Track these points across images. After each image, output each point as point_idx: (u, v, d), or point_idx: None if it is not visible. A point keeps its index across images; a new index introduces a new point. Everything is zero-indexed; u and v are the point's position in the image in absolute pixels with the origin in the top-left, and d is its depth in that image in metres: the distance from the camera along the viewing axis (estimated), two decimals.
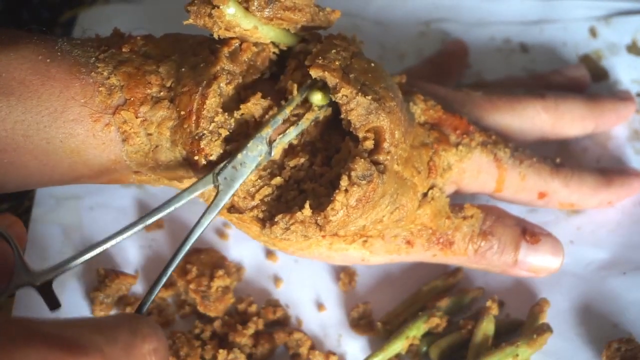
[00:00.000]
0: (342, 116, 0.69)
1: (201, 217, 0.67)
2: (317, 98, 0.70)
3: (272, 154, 0.69)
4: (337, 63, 0.69)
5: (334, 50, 0.70)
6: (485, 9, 0.94)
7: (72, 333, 0.56)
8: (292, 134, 0.70)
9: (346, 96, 0.68)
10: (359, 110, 0.68)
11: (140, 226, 0.67)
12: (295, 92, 0.70)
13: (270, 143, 0.69)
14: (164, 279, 0.66)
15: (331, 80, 0.68)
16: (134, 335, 0.59)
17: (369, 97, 0.68)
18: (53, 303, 0.66)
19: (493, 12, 0.94)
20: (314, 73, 0.69)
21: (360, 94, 0.68)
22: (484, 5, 0.95)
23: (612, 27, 0.92)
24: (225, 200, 0.68)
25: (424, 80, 0.80)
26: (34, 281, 0.65)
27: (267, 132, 0.69)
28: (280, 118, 0.69)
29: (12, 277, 0.65)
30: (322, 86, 0.70)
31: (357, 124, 0.69)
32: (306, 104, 0.71)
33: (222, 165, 0.68)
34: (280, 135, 0.69)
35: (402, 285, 0.81)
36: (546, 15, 0.94)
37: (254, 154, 0.68)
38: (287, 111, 0.70)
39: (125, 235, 0.67)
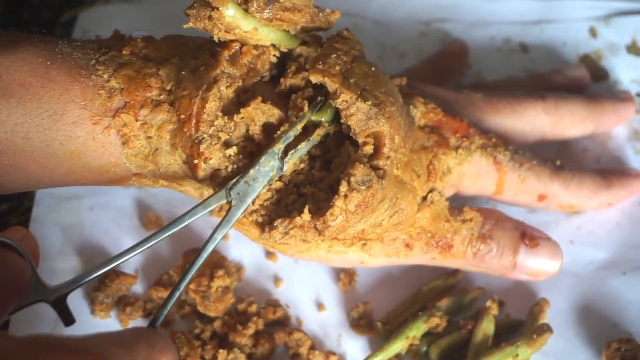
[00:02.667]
0: (342, 121, 0.69)
1: (214, 232, 0.67)
2: (322, 117, 0.70)
3: (284, 169, 0.69)
4: (337, 68, 0.69)
5: (334, 55, 0.70)
6: (486, 8, 0.94)
7: (98, 349, 0.57)
8: (303, 150, 0.70)
9: (346, 101, 0.68)
10: (358, 115, 0.68)
11: (153, 242, 0.67)
12: (306, 108, 0.70)
13: (282, 158, 0.69)
14: (177, 294, 0.67)
15: (331, 85, 0.68)
16: (152, 349, 0.60)
17: (369, 103, 0.68)
18: (68, 319, 0.66)
19: (493, 12, 0.94)
20: (314, 78, 0.68)
21: (360, 99, 0.68)
22: (484, 5, 0.95)
23: (612, 27, 0.92)
24: (238, 215, 0.68)
25: (424, 81, 0.80)
26: (48, 297, 0.65)
27: (279, 147, 0.68)
28: (292, 134, 0.69)
29: (27, 292, 0.65)
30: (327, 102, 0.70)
31: (357, 129, 0.69)
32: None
33: (234, 180, 0.68)
34: (292, 151, 0.69)
35: (402, 286, 0.81)
36: (546, 15, 0.94)
37: (266, 169, 0.68)
38: (299, 127, 0.69)
39: (139, 251, 0.67)
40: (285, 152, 0.69)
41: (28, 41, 0.69)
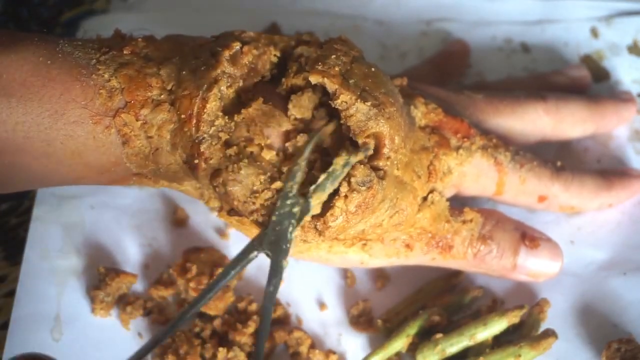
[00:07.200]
0: (341, 122, 0.69)
1: (268, 285, 0.69)
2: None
3: (311, 206, 0.68)
4: (336, 69, 0.69)
5: (334, 56, 0.70)
6: (487, 8, 0.94)
7: None
8: (326, 184, 0.68)
9: (345, 102, 0.68)
10: (358, 116, 0.68)
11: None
12: (302, 145, 0.70)
13: (305, 196, 0.68)
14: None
15: (330, 86, 0.68)
16: None
17: (369, 103, 0.68)
18: None
19: (494, 11, 0.94)
20: (314, 79, 0.68)
21: (359, 100, 0.68)
22: (486, 4, 0.94)
23: (614, 27, 0.92)
24: (282, 260, 0.69)
25: (425, 81, 0.80)
26: None
27: (290, 185, 0.68)
28: (297, 169, 0.68)
29: None
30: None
31: (357, 129, 0.69)
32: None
33: (260, 234, 0.68)
34: (313, 187, 0.68)
35: (403, 284, 0.81)
36: (547, 15, 0.93)
37: (286, 210, 0.68)
38: (302, 164, 0.69)
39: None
40: (303, 190, 0.68)
41: (28, 40, 0.69)
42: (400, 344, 0.77)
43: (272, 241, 0.67)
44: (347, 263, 0.76)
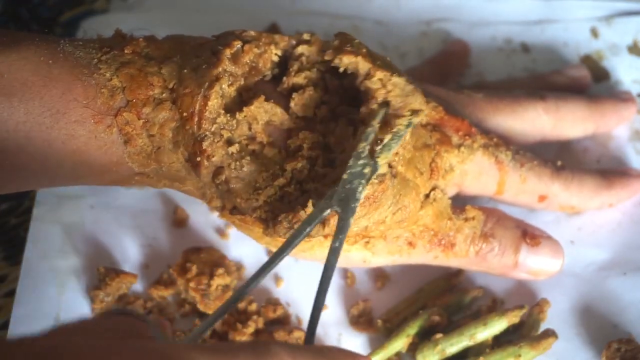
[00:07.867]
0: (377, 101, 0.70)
1: (334, 241, 0.67)
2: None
3: (379, 167, 0.68)
4: (364, 50, 0.69)
5: (356, 41, 0.70)
6: (487, 8, 0.94)
7: None
8: (392, 144, 0.69)
9: (381, 79, 0.69)
10: (396, 91, 0.69)
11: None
12: (375, 106, 0.70)
13: (373, 156, 0.68)
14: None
15: (363, 65, 0.69)
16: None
17: (404, 78, 0.69)
18: None
19: (494, 11, 0.94)
20: (347, 59, 0.69)
21: (395, 74, 0.69)
22: (486, 5, 0.94)
23: (614, 27, 0.92)
24: (350, 218, 0.67)
25: (425, 81, 0.80)
26: None
27: (363, 147, 0.68)
28: (371, 131, 0.69)
29: None
30: None
31: (396, 105, 0.69)
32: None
33: (331, 191, 0.67)
34: (379, 147, 0.68)
35: (403, 284, 0.81)
36: (547, 15, 0.93)
37: (358, 169, 0.67)
38: (375, 125, 0.69)
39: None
40: (373, 151, 0.68)
41: (29, 40, 0.69)
42: (400, 344, 0.77)
43: (342, 198, 0.67)
44: (350, 262, 0.76)
